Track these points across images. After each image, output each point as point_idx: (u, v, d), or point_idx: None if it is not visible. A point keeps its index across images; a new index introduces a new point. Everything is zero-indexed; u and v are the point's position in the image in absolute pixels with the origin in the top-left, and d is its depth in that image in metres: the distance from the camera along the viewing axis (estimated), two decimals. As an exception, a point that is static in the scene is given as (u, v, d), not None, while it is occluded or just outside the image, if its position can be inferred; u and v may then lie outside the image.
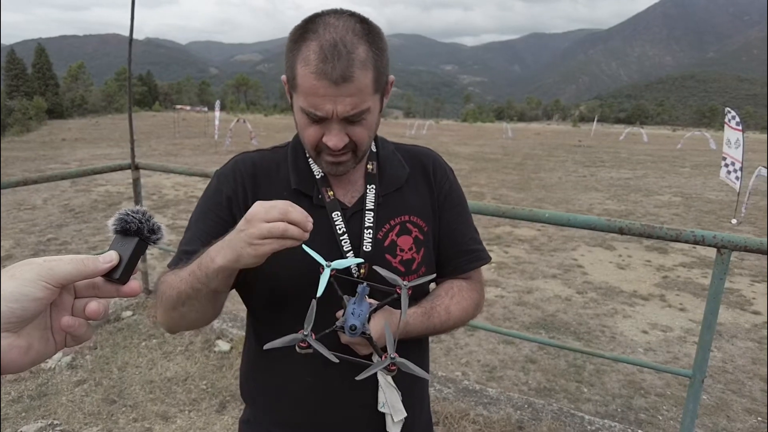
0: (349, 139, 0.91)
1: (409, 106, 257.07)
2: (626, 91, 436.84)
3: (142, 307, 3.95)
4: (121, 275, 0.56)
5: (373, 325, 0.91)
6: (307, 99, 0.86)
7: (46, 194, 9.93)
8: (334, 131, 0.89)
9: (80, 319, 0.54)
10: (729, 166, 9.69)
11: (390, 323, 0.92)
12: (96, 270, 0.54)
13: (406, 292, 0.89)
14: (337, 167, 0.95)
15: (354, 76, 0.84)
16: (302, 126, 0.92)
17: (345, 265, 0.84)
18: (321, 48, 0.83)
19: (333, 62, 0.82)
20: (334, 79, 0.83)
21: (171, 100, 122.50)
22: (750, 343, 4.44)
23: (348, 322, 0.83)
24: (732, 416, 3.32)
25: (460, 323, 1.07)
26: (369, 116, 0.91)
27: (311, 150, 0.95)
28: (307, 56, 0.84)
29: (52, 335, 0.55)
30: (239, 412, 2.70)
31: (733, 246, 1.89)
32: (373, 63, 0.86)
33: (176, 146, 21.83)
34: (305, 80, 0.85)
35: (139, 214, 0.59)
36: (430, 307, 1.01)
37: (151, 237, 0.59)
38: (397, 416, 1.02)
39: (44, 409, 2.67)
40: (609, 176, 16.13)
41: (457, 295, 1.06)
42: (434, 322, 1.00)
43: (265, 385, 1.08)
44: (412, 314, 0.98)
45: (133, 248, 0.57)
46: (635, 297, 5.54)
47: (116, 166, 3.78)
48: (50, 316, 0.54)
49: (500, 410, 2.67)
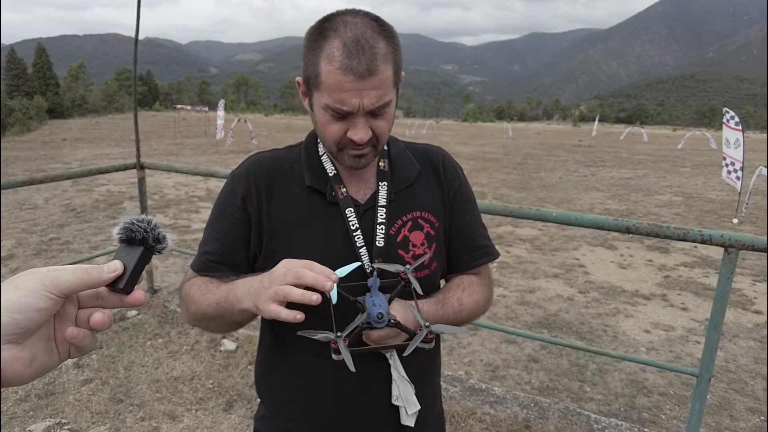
0: (372, 133, 0.93)
1: (409, 105, 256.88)
2: (626, 91, 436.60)
3: (148, 306, 3.96)
4: (126, 285, 0.55)
5: (396, 312, 0.92)
6: (333, 95, 0.88)
7: (48, 194, 9.93)
8: (360, 125, 0.91)
9: (84, 330, 0.54)
10: (729, 166, 9.70)
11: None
12: (100, 280, 0.53)
13: (412, 274, 0.93)
14: (359, 160, 0.97)
15: (378, 69, 0.86)
16: (324, 123, 0.94)
17: (346, 271, 0.86)
18: (344, 44, 0.85)
19: (358, 57, 0.85)
20: (360, 73, 0.85)
21: (171, 99, 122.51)
22: (752, 343, 4.45)
23: (373, 313, 0.84)
24: (735, 415, 3.34)
25: (473, 316, 1.08)
26: (390, 109, 0.94)
27: (333, 146, 0.96)
28: (331, 53, 0.86)
29: (56, 346, 0.54)
30: (246, 411, 2.72)
31: (740, 245, 1.90)
32: (392, 57, 0.90)
33: (177, 146, 21.83)
34: (330, 76, 0.87)
35: (144, 223, 0.58)
36: (443, 298, 1.04)
37: (156, 246, 0.59)
38: (411, 409, 1.04)
39: (51, 408, 2.68)
40: (610, 176, 16.14)
41: (468, 288, 1.08)
42: (447, 312, 1.02)
43: (280, 382, 1.09)
44: (425, 303, 0.99)
45: (137, 258, 0.57)
46: (637, 296, 5.55)
47: (121, 166, 3.79)
48: (54, 327, 0.53)
49: (507, 409, 2.68)
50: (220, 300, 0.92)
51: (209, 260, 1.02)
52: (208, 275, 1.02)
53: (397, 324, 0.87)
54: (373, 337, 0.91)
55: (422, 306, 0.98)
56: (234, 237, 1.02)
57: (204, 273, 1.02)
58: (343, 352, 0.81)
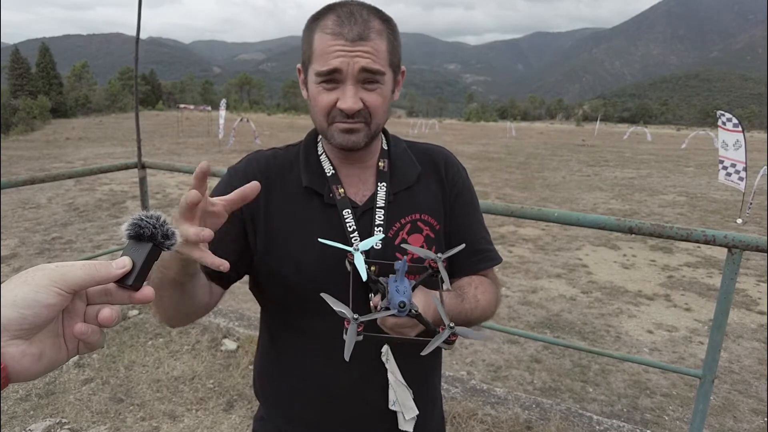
0: (363, 105, 0.91)
1: (412, 105, 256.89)
2: (630, 90, 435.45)
3: (149, 306, 3.95)
4: (134, 281, 0.55)
5: (418, 301, 0.87)
6: (321, 59, 0.88)
7: (51, 193, 9.96)
8: (349, 92, 0.89)
9: (93, 326, 0.54)
10: (728, 168, 9.58)
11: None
12: (109, 276, 0.53)
13: (442, 264, 0.88)
14: (349, 136, 0.93)
15: (370, 37, 0.87)
16: (315, 95, 0.92)
17: (370, 244, 0.84)
18: (338, 16, 0.87)
19: (350, 25, 0.86)
20: (351, 38, 0.86)
21: (174, 99, 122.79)
22: (756, 344, 4.42)
23: (395, 299, 0.79)
24: (739, 416, 3.31)
25: (486, 315, 1.05)
26: (384, 86, 0.92)
27: (324, 119, 0.94)
28: (325, 24, 0.88)
29: (65, 342, 0.54)
30: (247, 411, 2.71)
31: (744, 246, 1.88)
32: (387, 36, 0.90)
33: (180, 145, 21.86)
34: (321, 42, 0.88)
35: (153, 219, 0.57)
36: (461, 293, 1.01)
37: (165, 243, 0.58)
38: (409, 414, 1.02)
39: (52, 408, 2.68)
40: (613, 176, 16.09)
41: (480, 286, 1.05)
42: (466, 307, 0.99)
43: (278, 384, 1.08)
44: (446, 295, 0.95)
45: (146, 254, 0.56)
46: (640, 297, 5.53)
47: (122, 165, 3.79)
48: (62, 323, 0.53)
49: (508, 410, 2.67)
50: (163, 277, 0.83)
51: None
52: None
53: (417, 315, 0.81)
54: (388, 323, 0.85)
55: (444, 298, 0.93)
56: (225, 230, 0.99)
57: None
58: (348, 337, 0.76)
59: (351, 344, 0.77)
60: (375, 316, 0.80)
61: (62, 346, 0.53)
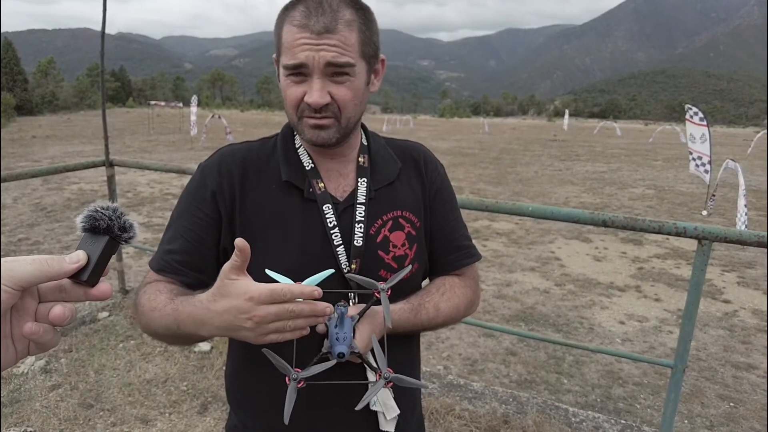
0: (332, 99, 0.89)
1: (387, 101, 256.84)
2: (600, 86, 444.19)
3: (119, 307, 3.86)
4: (90, 277, 0.51)
5: (359, 337, 0.88)
6: (288, 52, 0.87)
7: (16, 193, 9.63)
8: (315, 86, 0.87)
9: (45, 325, 0.50)
10: (696, 160, 9.92)
11: (375, 331, 0.90)
12: (61, 271, 0.49)
13: (386, 295, 0.87)
14: (318, 132, 0.92)
15: (337, 29, 0.85)
16: (284, 88, 0.91)
17: (319, 280, 0.79)
18: (306, 8, 0.86)
19: (317, 17, 0.84)
20: (316, 30, 0.84)
21: (145, 96, 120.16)
22: (721, 332, 4.56)
23: (335, 350, 0.81)
24: (706, 402, 3.41)
25: (451, 321, 1.06)
26: (354, 78, 0.90)
27: (293, 114, 0.92)
28: (293, 16, 0.86)
29: (13, 343, 0.50)
30: (222, 413, 2.66)
31: (713, 237, 1.93)
32: (358, 26, 0.88)
33: (151, 143, 21.41)
34: (288, 35, 0.87)
35: (109, 211, 0.54)
36: (419, 304, 1.00)
37: (122, 235, 0.55)
38: (390, 414, 1.00)
39: (17, 416, 2.58)
40: (584, 170, 16.39)
41: (448, 291, 1.04)
42: (421, 319, 0.99)
43: (253, 391, 1.04)
44: (398, 311, 0.96)
45: (102, 248, 0.53)
46: (612, 288, 5.64)
47: (89, 163, 3.68)
48: (11, 322, 0.50)
49: (485, 404, 2.68)
50: (171, 322, 0.84)
51: (173, 260, 0.95)
52: (169, 277, 0.95)
53: (359, 356, 0.85)
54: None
55: (394, 314, 0.94)
56: (201, 235, 0.95)
57: (165, 274, 0.95)
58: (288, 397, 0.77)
59: (291, 405, 0.77)
60: (314, 372, 0.82)
61: (10, 347, 0.50)
